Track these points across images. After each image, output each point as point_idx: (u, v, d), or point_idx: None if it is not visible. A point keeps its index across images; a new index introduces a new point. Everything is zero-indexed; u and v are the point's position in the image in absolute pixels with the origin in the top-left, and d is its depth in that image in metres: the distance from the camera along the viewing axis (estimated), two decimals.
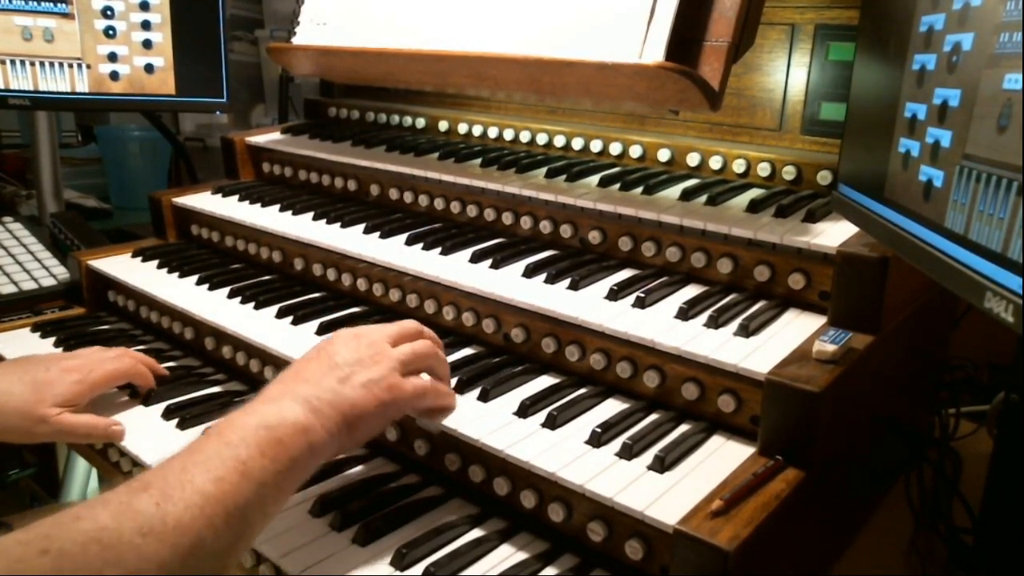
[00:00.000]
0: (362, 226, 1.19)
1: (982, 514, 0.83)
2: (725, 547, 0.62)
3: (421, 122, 1.47)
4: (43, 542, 0.55)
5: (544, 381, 0.92)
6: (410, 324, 0.85)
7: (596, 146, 1.23)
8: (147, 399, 1.05)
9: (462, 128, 1.40)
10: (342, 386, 0.73)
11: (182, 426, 0.99)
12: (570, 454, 0.77)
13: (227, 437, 0.66)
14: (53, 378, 0.94)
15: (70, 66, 1.57)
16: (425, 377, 0.83)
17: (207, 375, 1.14)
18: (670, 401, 0.85)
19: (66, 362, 0.98)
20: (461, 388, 0.89)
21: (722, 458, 0.76)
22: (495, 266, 1.02)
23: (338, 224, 1.21)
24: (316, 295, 1.17)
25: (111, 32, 1.58)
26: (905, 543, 0.94)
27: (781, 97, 1.09)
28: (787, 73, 1.08)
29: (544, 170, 1.16)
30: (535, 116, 1.35)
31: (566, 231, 1.08)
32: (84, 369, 0.97)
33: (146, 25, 1.60)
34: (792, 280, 0.88)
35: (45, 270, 1.45)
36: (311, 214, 1.26)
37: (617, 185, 1.08)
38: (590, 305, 0.91)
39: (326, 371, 0.75)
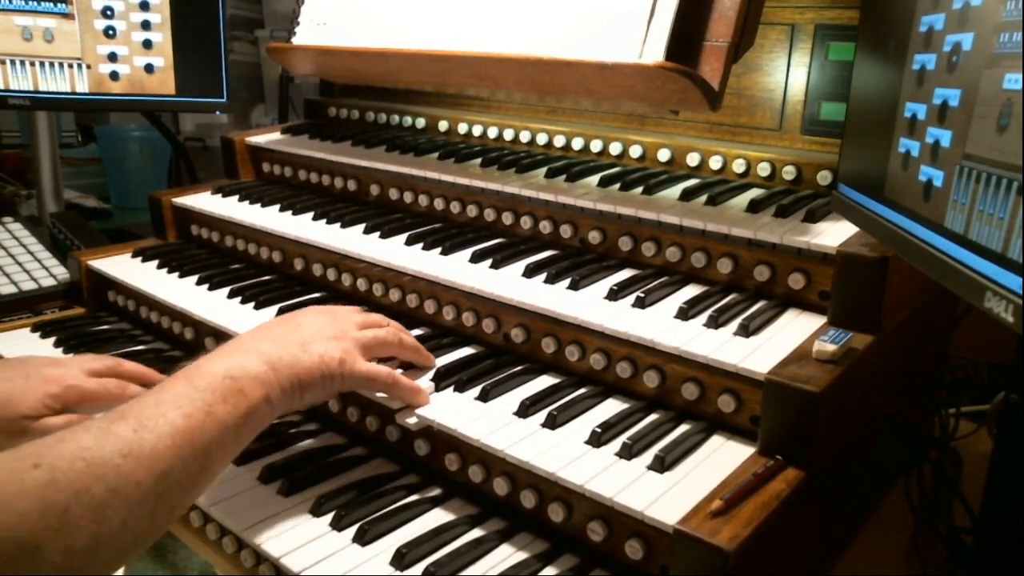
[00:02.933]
0: (362, 226, 1.19)
1: (982, 514, 0.83)
2: (725, 547, 0.62)
3: (421, 122, 1.47)
4: (34, 458, 0.60)
5: (544, 381, 0.92)
6: (377, 315, 0.94)
7: (596, 146, 1.23)
8: None
9: (462, 128, 1.40)
10: (301, 352, 0.81)
11: None
12: (570, 454, 0.77)
13: (195, 381, 0.73)
14: (30, 388, 0.93)
15: (70, 66, 1.57)
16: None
17: None
18: (670, 401, 0.85)
19: (49, 370, 0.96)
20: (461, 387, 0.89)
21: (722, 458, 0.76)
22: (495, 266, 1.02)
23: (338, 224, 1.21)
24: (316, 295, 1.17)
25: (111, 32, 1.58)
26: (905, 543, 0.94)
27: (781, 97, 1.09)
28: (787, 73, 1.08)
29: (544, 170, 1.16)
30: (535, 116, 1.35)
31: (566, 231, 1.08)
32: (64, 382, 0.95)
33: (146, 25, 1.60)
34: (792, 280, 0.88)
35: (45, 270, 1.45)
36: (311, 214, 1.26)
37: (617, 185, 1.08)
38: (590, 305, 0.91)
39: (291, 336, 0.83)
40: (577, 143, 1.26)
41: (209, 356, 0.77)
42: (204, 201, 1.40)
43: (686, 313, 0.87)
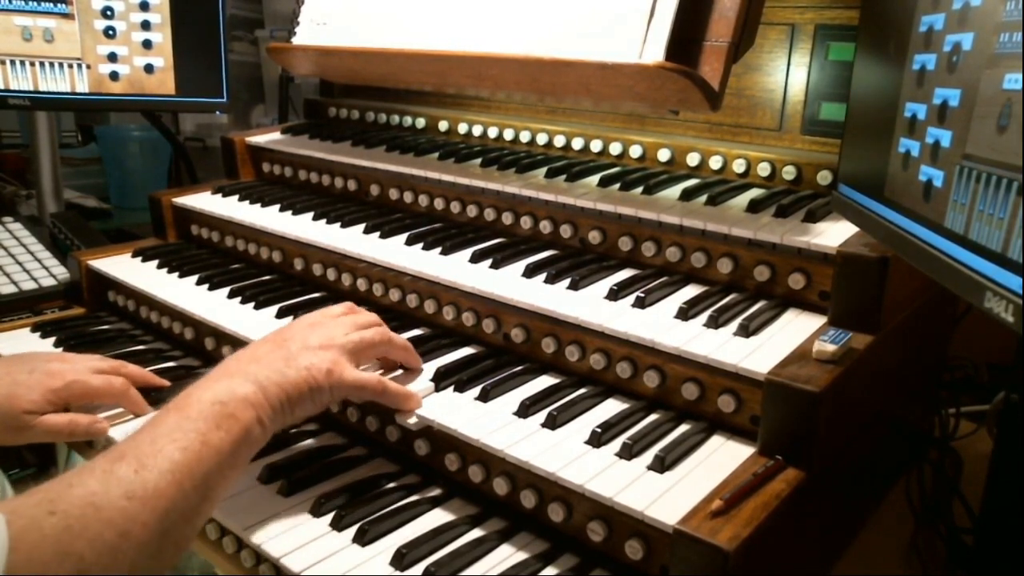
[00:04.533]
0: (362, 226, 1.19)
1: (982, 514, 0.83)
2: (725, 547, 0.62)
3: (421, 122, 1.47)
4: (49, 505, 0.61)
5: (544, 381, 0.92)
6: (366, 315, 0.92)
7: (596, 146, 1.23)
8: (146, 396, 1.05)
9: (462, 128, 1.40)
10: (287, 367, 0.81)
11: None
12: (570, 454, 0.77)
13: (186, 412, 0.73)
14: (33, 383, 0.94)
15: (70, 66, 1.57)
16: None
17: None
18: (670, 401, 0.85)
19: (53, 365, 0.97)
20: (461, 387, 0.89)
21: (722, 458, 0.76)
22: (495, 266, 1.02)
23: (338, 224, 1.21)
24: (316, 295, 1.17)
25: (111, 32, 1.58)
26: (905, 543, 0.94)
27: (781, 97, 1.09)
28: (787, 73, 1.08)
29: (544, 170, 1.16)
30: (535, 116, 1.35)
31: (566, 231, 1.08)
32: (67, 377, 0.96)
33: (146, 25, 1.60)
34: (792, 280, 0.88)
35: (45, 270, 1.45)
36: (311, 214, 1.26)
37: (617, 185, 1.08)
38: (590, 305, 0.91)
39: (277, 352, 0.82)
40: (577, 143, 1.26)
41: (197, 384, 0.77)
42: (204, 201, 1.40)
43: (686, 313, 0.87)
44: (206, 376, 0.79)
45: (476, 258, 1.04)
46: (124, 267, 1.33)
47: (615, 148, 1.21)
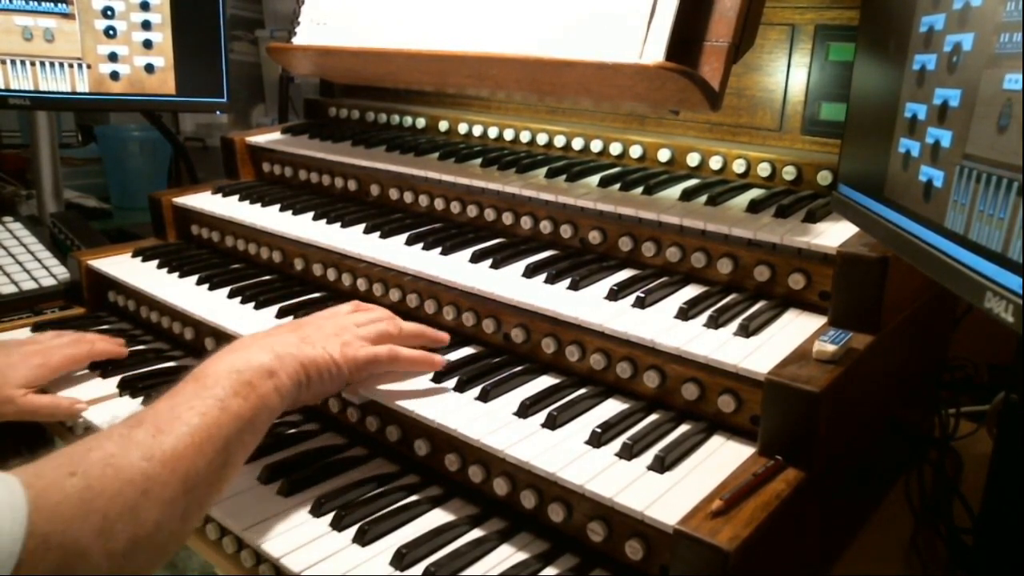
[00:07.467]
0: (362, 226, 1.19)
1: (982, 514, 0.83)
2: (725, 547, 0.62)
3: (421, 122, 1.47)
4: (69, 466, 0.62)
5: (544, 381, 0.92)
6: (376, 310, 0.98)
7: (596, 146, 1.23)
8: (147, 397, 1.05)
9: (462, 128, 1.40)
10: (302, 343, 0.85)
11: None
12: (570, 454, 0.77)
13: (204, 382, 0.75)
14: (15, 362, 1.02)
15: (70, 66, 1.57)
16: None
17: None
18: (670, 401, 0.85)
19: (26, 347, 1.06)
20: (461, 388, 0.89)
21: (722, 458, 0.76)
22: (495, 266, 1.02)
23: (338, 224, 1.21)
24: (316, 295, 1.17)
25: (111, 32, 1.58)
26: (905, 543, 0.94)
27: (781, 97, 1.09)
28: (787, 73, 1.08)
29: (544, 170, 1.16)
30: (535, 116, 1.35)
31: (566, 231, 1.08)
32: (45, 354, 1.05)
33: (146, 25, 1.60)
34: (792, 280, 0.88)
35: (45, 270, 1.45)
36: (311, 214, 1.26)
37: (617, 185, 1.08)
38: (590, 305, 0.91)
39: (292, 334, 0.87)
40: (577, 143, 1.26)
41: (213, 358, 0.79)
42: (204, 201, 1.40)
43: (686, 313, 0.87)
44: (221, 350, 0.81)
45: (476, 258, 1.04)
46: (124, 267, 1.33)
47: (615, 148, 1.21)
